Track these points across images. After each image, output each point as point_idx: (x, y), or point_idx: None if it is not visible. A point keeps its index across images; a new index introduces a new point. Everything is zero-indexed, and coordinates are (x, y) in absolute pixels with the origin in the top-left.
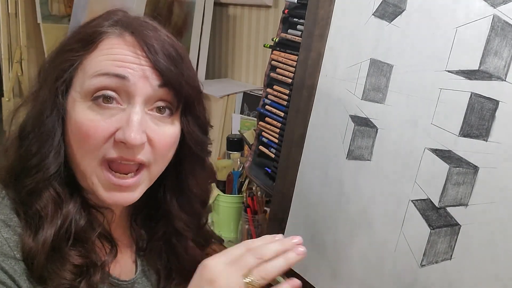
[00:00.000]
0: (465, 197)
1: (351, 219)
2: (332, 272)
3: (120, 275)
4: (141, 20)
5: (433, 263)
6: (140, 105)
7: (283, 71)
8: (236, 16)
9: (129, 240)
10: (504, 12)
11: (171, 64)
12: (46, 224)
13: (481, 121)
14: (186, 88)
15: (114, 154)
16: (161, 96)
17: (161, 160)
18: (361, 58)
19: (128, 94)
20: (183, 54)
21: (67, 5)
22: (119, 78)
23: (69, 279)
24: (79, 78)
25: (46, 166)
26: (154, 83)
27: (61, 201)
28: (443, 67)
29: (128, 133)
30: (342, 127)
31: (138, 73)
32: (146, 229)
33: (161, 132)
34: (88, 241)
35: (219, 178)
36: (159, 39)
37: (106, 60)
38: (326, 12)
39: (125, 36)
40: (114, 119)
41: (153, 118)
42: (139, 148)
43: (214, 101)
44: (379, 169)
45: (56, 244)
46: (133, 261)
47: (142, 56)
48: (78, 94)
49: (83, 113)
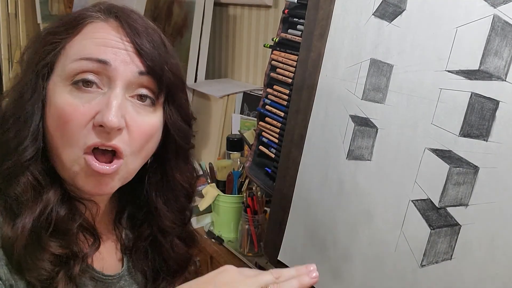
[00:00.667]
0: (465, 197)
1: (351, 219)
2: (332, 272)
3: (104, 270)
4: (127, 9)
5: (433, 263)
6: (120, 89)
7: (283, 71)
8: (236, 16)
9: (114, 237)
10: (504, 12)
11: (154, 49)
12: (25, 210)
13: (481, 121)
14: (169, 76)
15: (93, 140)
16: (143, 83)
17: (137, 151)
18: (361, 58)
19: (109, 78)
20: (166, 42)
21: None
22: (100, 63)
23: (48, 269)
24: (61, 62)
25: (23, 150)
26: (136, 68)
27: (41, 188)
28: (443, 67)
29: (107, 115)
30: (342, 127)
31: (120, 57)
32: (131, 229)
33: (140, 119)
34: (69, 232)
35: (219, 178)
36: (143, 25)
37: (89, 44)
38: (326, 12)
39: (110, 20)
40: (94, 103)
41: (134, 105)
42: (117, 132)
43: (214, 101)
44: (379, 169)
45: (35, 231)
46: (119, 259)
47: (126, 41)
48: (59, 77)
49: (63, 97)
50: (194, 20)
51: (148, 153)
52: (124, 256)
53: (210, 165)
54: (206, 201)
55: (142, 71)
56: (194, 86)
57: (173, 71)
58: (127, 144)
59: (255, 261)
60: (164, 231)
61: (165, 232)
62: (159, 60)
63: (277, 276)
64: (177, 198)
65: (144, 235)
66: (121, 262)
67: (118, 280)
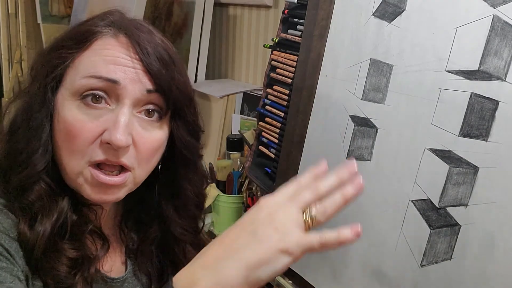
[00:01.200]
0: (465, 197)
1: (351, 219)
2: (332, 272)
3: (111, 273)
4: (136, 22)
5: (433, 263)
6: (128, 107)
7: (283, 71)
8: (236, 16)
9: (118, 240)
10: (504, 12)
11: (163, 68)
12: (43, 217)
13: (481, 121)
14: (176, 94)
15: (100, 157)
16: (150, 100)
17: (145, 164)
18: (361, 58)
19: (117, 96)
20: (175, 59)
21: (67, 6)
22: (110, 82)
23: (64, 272)
24: (70, 76)
25: (34, 163)
26: (145, 87)
27: (55, 195)
28: (443, 67)
29: (114, 134)
30: (342, 127)
31: (129, 76)
32: (136, 232)
33: (146, 135)
34: (82, 236)
35: (219, 178)
36: (152, 42)
37: (98, 61)
38: (326, 12)
39: (119, 36)
40: (102, 120)
41: (141, 121)
42: (124, 150)
43: (214, 101)
44: (379, 169)
45: (53, 237)
46: (123, 262)
47: (135, 59)
48: (67, 91)
49: (71, 112)
50: (194, 21)
51: (154, 164)
52: (128, 259)
53: (210, 165)
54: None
55: (150, 89)
56: (194, 86)
57: (181, 88)
58: (134, 159)
59: None
60: (176, 238)
61: (177, 239)
62: (166, 78)
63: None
64: (187, 207)
65: (150, 238)
66: (125, 264)
67: (122, 283)
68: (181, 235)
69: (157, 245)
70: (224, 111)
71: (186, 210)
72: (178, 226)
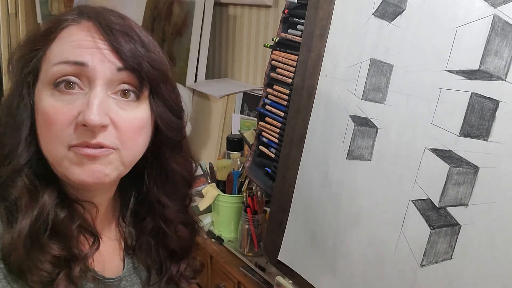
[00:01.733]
0: (465, 197)
1: (351, 219)
2: (332, 272)
3: (105, 272)
4: (104, 9)
5: (433, 263)
6: (100, 87)
7: (283, 71)
8: (236, 16)
9: (116, 238)
10: (504, 12)
11: (131, 46)
12: (21, 215)
13: (481, 121)
14: (148, 69)
15: (77, 140)
16: (123, 79)
17: (130, 143)
18: (361, 58)
19: (88, 78)
20: (146, 38)
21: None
22: (78, 65)
23: (49, 270)
24: (44, 68)
25: (17, 157)
26: (114, 66)
27: (36, 192)
28: (443, 67)
29: (88, 114)
30: (342, 127)
31: (97, 57)
32: (135, 226)
33: (125, 115)
34: (68, 234)
35: (219, 178)
36: (119, 23)
37: (65, 48)
38: (326, 12)
39: (83, 21)
40: (76, 104)
41: (118, 102)
42: (101, 130)
43: (214, 101)
44: (379, 169)
45: (34, 235)
46: (121, 259)
47: (99, 39)
48: (42, 83)
49: (46, 100)
50: (194, 20)
51: (142, 146)
52: (126, 256)
53: (210, 165)
54: (206, 201)
55: (120, 67)
56: (194, 86)
57: (153, 65)
58: (115, 138)
59: (255, 261)
60: (167, 219)
61: (168, 220)
62: (136, 55)
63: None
64: (178, 188)
65: (147, 229)
66: (123, 262)
67: (119, 282)
68: (174, 217)
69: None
70: (224, 111)
71: (177, 192)
72: (170, 209)
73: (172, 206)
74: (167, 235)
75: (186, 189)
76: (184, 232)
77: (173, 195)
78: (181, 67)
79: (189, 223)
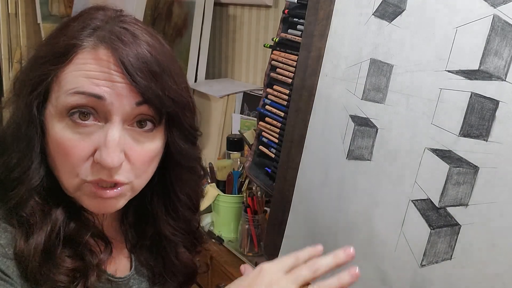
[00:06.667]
0: (465, 197)
1: (351, 219)
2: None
3: (116, 272)
4: (119, 28)
5: (433, 263)
6: (118, 123)
7: (283, 71)
8: (236, 16)
9: (121, 238)
10: (504, 12)
11: (149, 79)
12: (36, 231)
13: (481, 121)
14: (169, 103)
15: (94, 177)
16: (141, 112)
17: (142, 175)
18: (361, 58)
19: (105, 112)
20: (165, 65)
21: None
22: (95, 98)
23: (65, 282)
24: (55, 92)
25: (29, 179)
26: (132, 101)
27: (48, 209)
28: (443, 67)
29: (105, 155)
30: (342, 127)
31: (115, 90)
32: (136, 229)
33: (139, 148)
34: (81, 243)
35: (219, 178)
36: (137, 52)
37: (81, 77)
38: (326, 12)
39: (99, 49)
40: (92, 138)
41: (133, 133)
42: (117, 168)
43: (214, 101)
44: (379, 169)
45: (48, 249)
46: (127, 257)
47: (117, 73)
48: (54, 108)
49: (61, 131)
50: (194, 20)
51: (152, 171)
52: (133, 255)
53: (210, 165)
54: (206, 201)
55: (139, 101)
56: (194, 86)
57: (173, 97)
58: (129, 173)
59: (255, 261)
60: (167, 238)
61: (167, 238)
62: (155, 89)
63: (314, 270)
64: (177, 208)
65: (147, 234)
66: (129, 260)
67: (127, 281)
68: (172, 235)
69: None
70: (224, 111)
71: (177, 211)
72: (168, 226)
73: (170, 222)
74: (167, 253)
75: (188, 211)
76: (185, 256)
77: (173, 213)
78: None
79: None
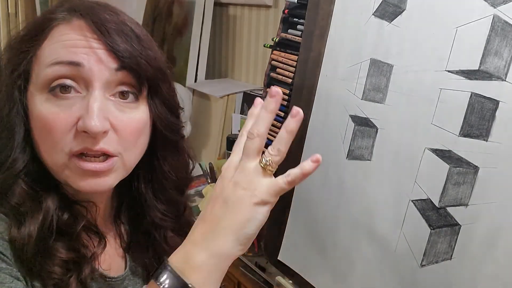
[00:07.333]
0: (465, 197)
1: (351, 219)
2: (333, 272)
3: (110, 271)
4: (94, 4)
5: (433, 263)
6: (99, 90)
7: (283, 71)
8: (236, 16)
9: (115, 236)
10: (504, 12)
11: (127, 44)
12: (28, 219)
13: (481, 121)
14: (147, 68)
15: (78, 146)
16: (121, 80)
17: (131, 147)
18: (361, 58)
19: (85, 80)
20: (142, 34)
21: None
22: (73, 65)
23: (59, 273)
24: (35, 70)
25: (13, 163)
26: (111, 66)
27: (39, 196)
28: (443, 67)
29: (88, 121)
30: (342, 127)
31: (93, 57)
32: (130, 223)
33: (125, 118)
34: (74, 235)
35: None
36: (113, 20)
37: (59, 48)
38: (326, 12)
39: (75, 19)
40: (74, 109)
41: (117, 104)
42: (102, 136)
43: (214, 101)
44: (379, 169)
45: (42, 238)
46: (122, 257)
47: (93, 39)
48: (35, 86)
49: (42, 106)
50: (194, 20)
51: (143, 147)
52: (127, 254)
53: (210, 165)
54: (206, 201)
55: (117, 67)
56: (194, 86)
57: (151, 63)
58: (117, 143)
59: (255, 261)
60: (156, 224)
61: (157, 224)
62: (133, 54)
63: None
64: (165, 189)
65: (141, 228)
66: (124, 260)
67: (122, 281)
68: (161, 220)
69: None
70: (224, 111)
71: (165, 194)
72: (157, 210)
73: (158, 207)
74: (157, 241)
75: (176, 193)
76: (175, 241)
77: (160, 196)
78: (181, 67)
79: (180, 231)
